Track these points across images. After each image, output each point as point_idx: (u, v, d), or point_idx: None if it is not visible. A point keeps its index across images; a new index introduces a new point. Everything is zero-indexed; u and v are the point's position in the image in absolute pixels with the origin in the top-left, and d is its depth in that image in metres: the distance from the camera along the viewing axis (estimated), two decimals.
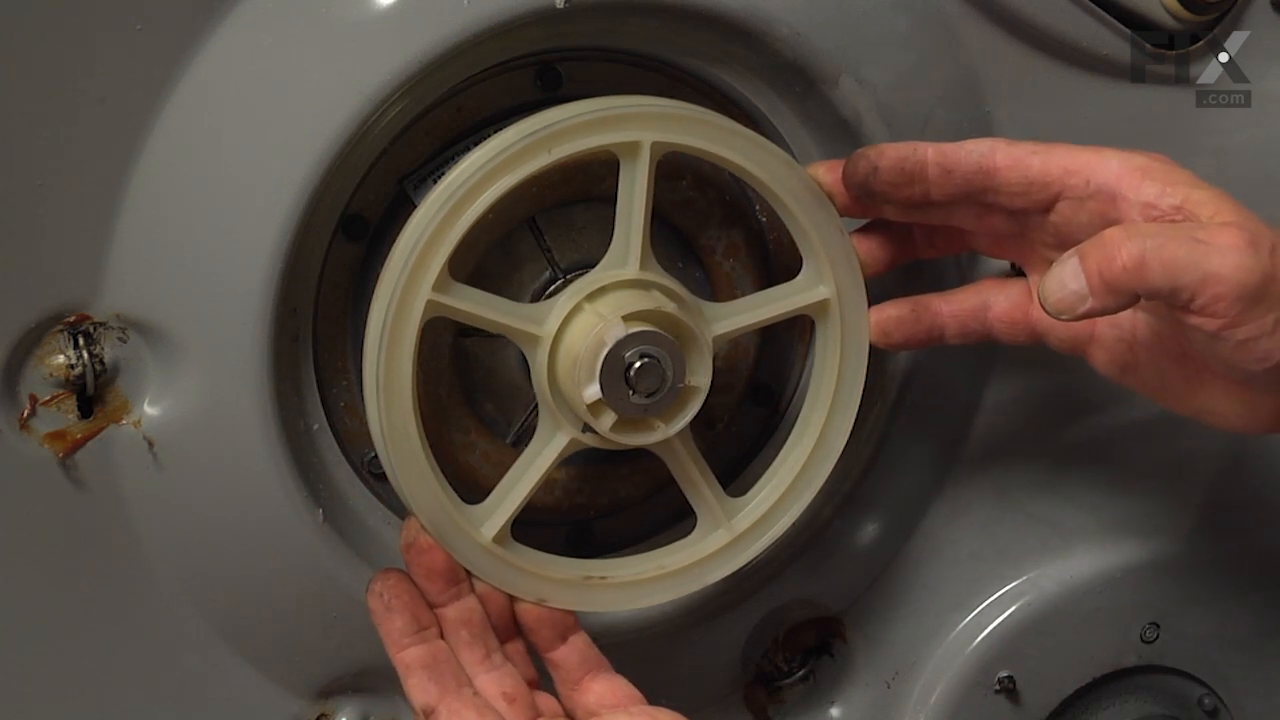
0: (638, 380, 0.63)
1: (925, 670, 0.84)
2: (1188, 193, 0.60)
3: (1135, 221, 0.60)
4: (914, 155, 0.64)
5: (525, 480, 0.66)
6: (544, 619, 0.67)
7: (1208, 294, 0.57)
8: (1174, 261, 0.57)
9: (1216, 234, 0.57)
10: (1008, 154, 0.63)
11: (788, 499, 0.70)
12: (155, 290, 0.62)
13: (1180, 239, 0.57)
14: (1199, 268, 0.57)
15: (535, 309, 0.65)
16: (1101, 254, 0.58)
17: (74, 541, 0.65)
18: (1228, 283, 0.56)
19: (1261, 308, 0.57)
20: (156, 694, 0.68)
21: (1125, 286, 0.58)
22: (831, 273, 0.67)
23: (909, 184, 0.64)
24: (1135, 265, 0.57)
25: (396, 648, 0.63)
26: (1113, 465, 0.84)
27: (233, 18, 0.61)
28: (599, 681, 0.66)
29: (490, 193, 0.61)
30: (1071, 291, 0.59)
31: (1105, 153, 0.61)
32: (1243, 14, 0.75)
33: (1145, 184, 0.60)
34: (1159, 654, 0.88)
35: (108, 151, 0.61)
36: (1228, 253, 0.57)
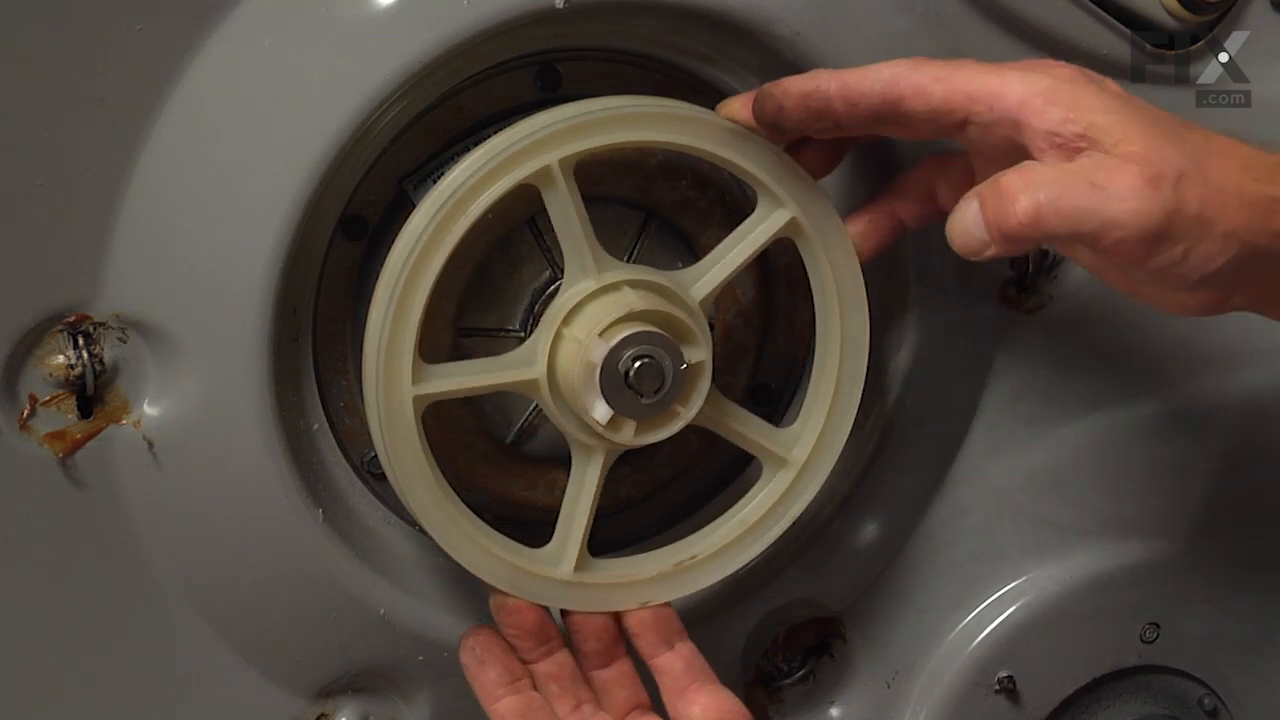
0: (640, 382, 0.63)
1: (925, 670, 0.84)
2: (1091, 119, 0.57)
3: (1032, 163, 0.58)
4: (817, 92, 0.61)
5: (580, 510, 0.67)
6: (647, 623, 0.67)
7: (1109, 239, 0.56)
8: (1070, 213, 0.56)
9: (1114, 176, 0.56)
10: (910, 83, 0.60)
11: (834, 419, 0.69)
12: (155, 290, 0.62)
13: (1076, 187, 0.56)
14: (1095, 216, 0.55)
15: (518, 354, 0.64)
16: (998, 205, 0.57)
17: (74, 541, 0.65)
18: (1127, 228, 0.55)
19: (1168, 243, 0.56)
20: (156, 694, 0.68)
21: (1023, 237, 0.57)
22: (787, 193, 0.66)
23: (817, 119, 0.62)
24: (1030, 219, 0.56)
25: (491, 699, 0.65)
26: (1113, 465, 0.84)
27: (233, 18, 0.61)
28: (704, 693, 0.66)
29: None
30: (975, 238, 0.58)
31: (1009, 76, 0.58)
32: (1243, 14, 0.75)
33: (1048, 110, 0.57)
34: (1159, 654, 0.88)
35: (108, 151, 0.61)
36: (1125, 198, 0.55)
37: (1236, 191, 0.56)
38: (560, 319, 0.63)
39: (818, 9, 0.67)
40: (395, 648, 0.70)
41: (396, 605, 0.69)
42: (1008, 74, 0.58)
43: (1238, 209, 0.56)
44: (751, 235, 0.66)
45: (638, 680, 0.68)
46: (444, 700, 0.73)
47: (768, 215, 0.66)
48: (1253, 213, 0.56)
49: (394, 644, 0.70)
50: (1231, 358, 0.84)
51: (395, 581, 0.70)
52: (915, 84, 0.60)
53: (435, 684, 0.72)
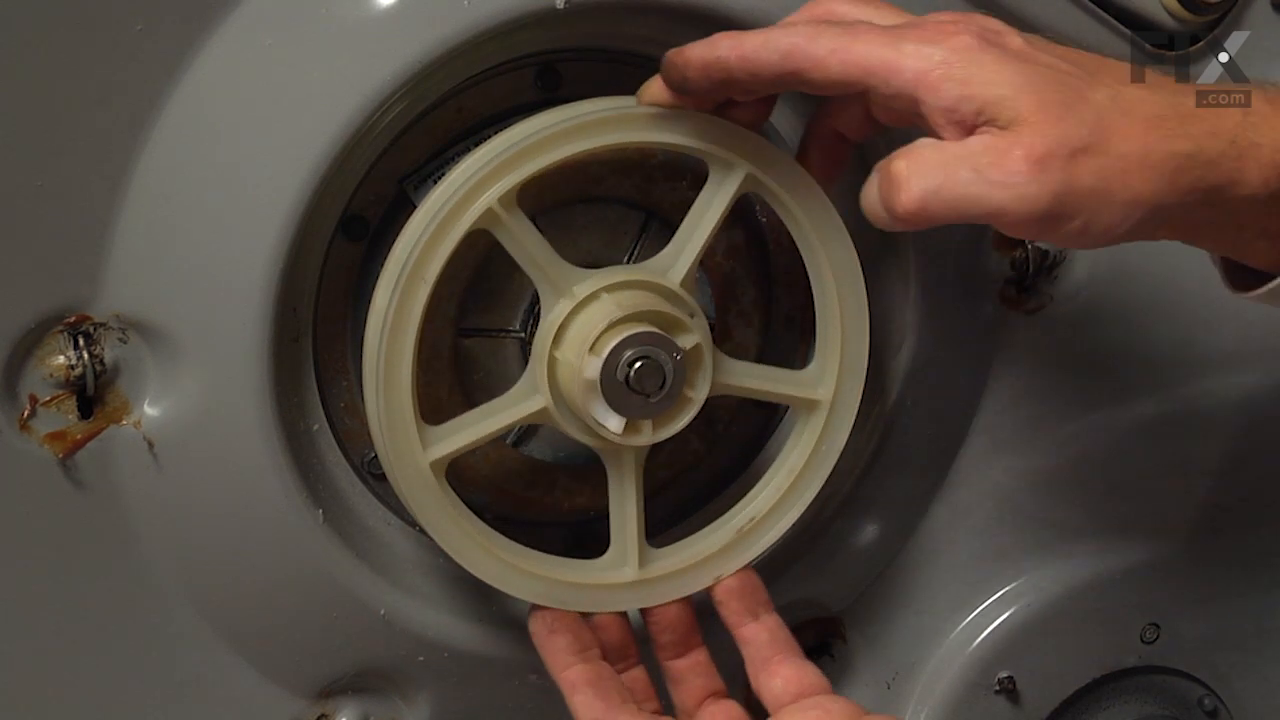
0: (643, 383, 0.63)
1: (925, 671, 0.84)
2: (987, 94, 0.55)
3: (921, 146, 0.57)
4: (718, 63, 0.60)
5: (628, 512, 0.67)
6: (734, 591, 0.68)
7: (1000, 223, 0.55)
8: (955, 201, 0.55)
9: (1001, 159, 0.54)
10: (807, 56, 0.58)
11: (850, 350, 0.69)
12: (155, 291, 0.62)
13: (961, 175, 0.55)
14: (980, 204, 0.55)
15: (519, 389, 0.65)
16: (889, 191, 0.56)
17: (74, 541, 0.65)
18: (1014, 214, 0.55)
19: (1062, 220, 0.55)
20: (156, 694, 0.68)
21: (914, 222, 0.56)
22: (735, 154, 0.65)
23: (723, 88, 0.61)
24: (917, 208, 0.55)
25: (561, 666, 0.65)
26: (1113, 465, 0.84)
27: (233, 18, 0.61)
28: (787, 665, 0.66)
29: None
30: (879, 216, 0.58)
31: (904, 49, 0.57)
32: (1243, 14, 0.75)
33: (944, 87, 0.56)
34: (1159, 654, 0.88)
35: (108, 151, 0.61)
36: (1010, 184, 0.54)
37: (1140, 156, 0.55)
38: (549, 344, 0.64)
39: None
40: (395, 648, 0.70)
41: (397, 605, 0.69)
42: (904, 44, 0.57)
43: (1141, 175, 0.55)
44: (713, 203, 0.66)
45: (713, 669, 0.68)
46: (444, 700, 0.73)
47: (723, 179, 0.65)
48: (1158, 175, 0.55)
49: (394, 644, 0.70)
50: (1231, 358, 0.84)
51: (395, 582, 0.70)
52: (812, 57, 0.58)
53: (435, 684, 0.72)
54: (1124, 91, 0.56)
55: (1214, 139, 0.56)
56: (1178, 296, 0.81)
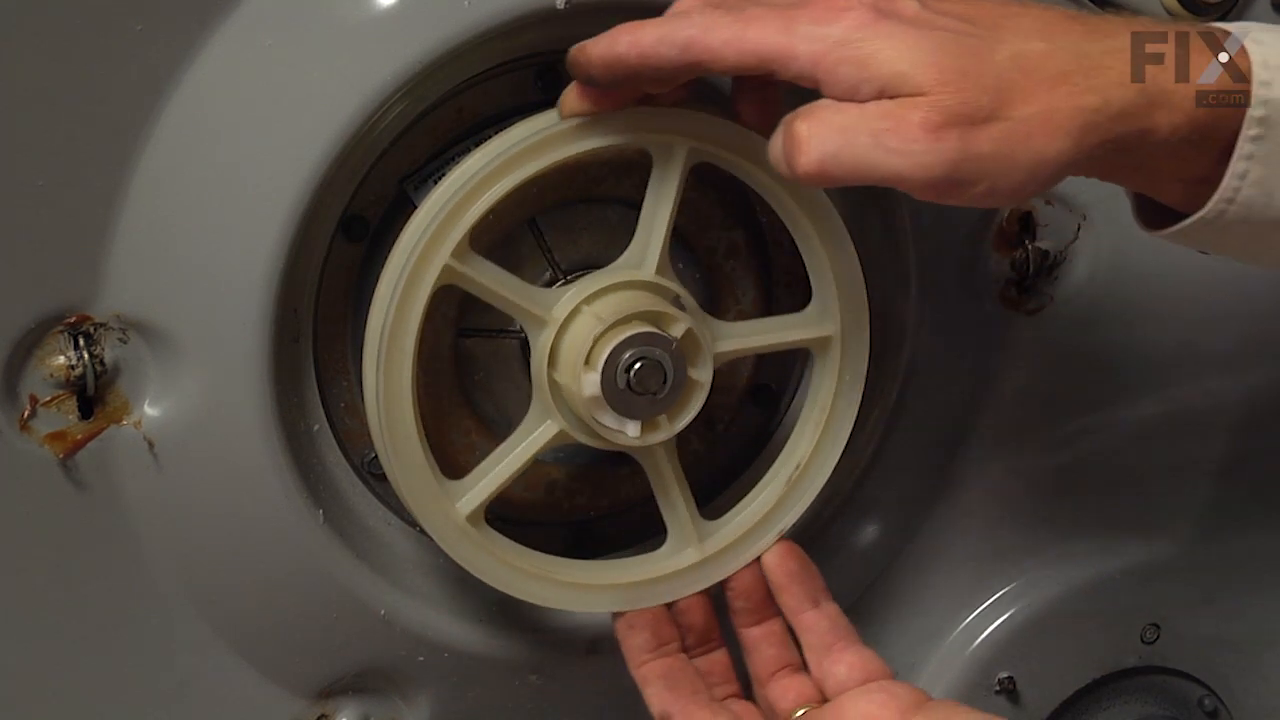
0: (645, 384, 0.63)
1: (925, 671, 0.84)
2: (886, 72, 0.54)
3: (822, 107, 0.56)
4: (619, 62, 0.59)
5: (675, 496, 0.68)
6: (795, 576, 0.68)
7: (901, 188, 0.55)
8: (854, 165, 0.54)
9: (898, 127, 0.53)
10: (704, 47, 0.57)
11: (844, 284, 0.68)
12: (155, 291, 0.62)
13: (860, 140, 0.54)
14: (878, 170, 0.54)
15: (531, 418, 0.65)
16: (790, 151, 0.56)
17: (74, 542, 0.65)
18: (912, 181, 0.54)
19: (963, 186, 0.54)
20: (156, 694, 0.68)
21: (815, 183, 0.56)
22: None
23: (628, 82, 0.61)
24: (817, 170, 0.55)
25: (636, 663, 0.67)
26: (1113, 465, 0.84)
27: (233, 18, 0.61)
28: (850, 651, 0.67)
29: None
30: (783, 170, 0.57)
31: (797, 32, 0.56)
32: (1243, 14, 0.75)
33: (841, 69, 0.55)
34: (1159, 655, 0.88)
35: (108, 152, 0.61)
36: (906, 152, 0.53)
37: (1044, 117, 0.54)
38: (545, 370, 0.64)
39: None
40: (395, 648, 0.70)
41: (397, 606, 0.69)
42: (797, 27, 0.56)
43: (1045, 136, 0.54)
44: (663, 187, 0.65)
45: (788, 640, 0.68)
46: (444, 701, 0.73)
47: (666, 162, 0.64)
48: (1064, 134, 0.54)
49: (394, 644, 0.70)
50: (1231, 358, 0.84)
51: (395, 582, 0.70)
52: (709, 49, 0.57)
53: (435, 684, 0.72)
54: (1027, 49, 0.55)
55: (1122, 89, 0.55)
56: (1178, 297, 0.81)
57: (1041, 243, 0.77)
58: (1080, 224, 0.78)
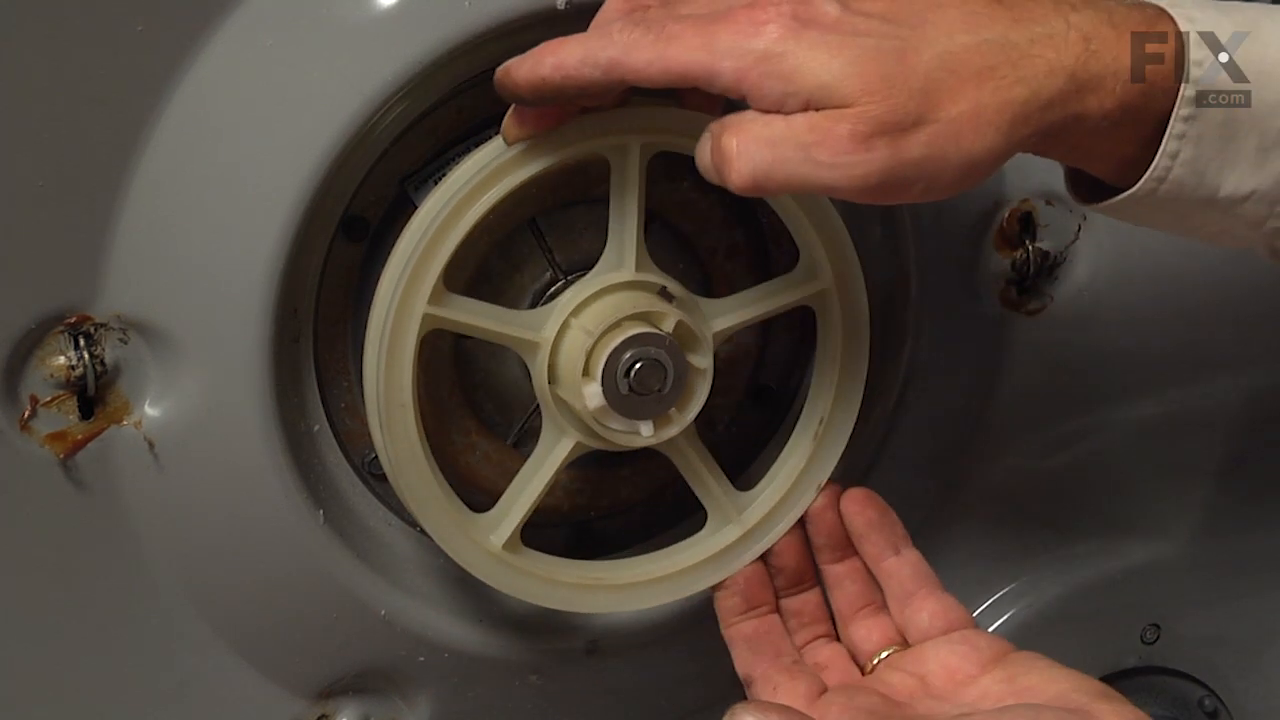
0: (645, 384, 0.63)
1: None
2: (810, 84, 0.54)
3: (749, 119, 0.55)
4: (544, 84, 0.58)
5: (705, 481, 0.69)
6: (874, 524, 0.68)
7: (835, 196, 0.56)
8: (785, 179, 0.55)
9: (826, 139, 0.53)
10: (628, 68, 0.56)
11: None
12: (156, 291, 0.62)
13: (789, 153, 0.54)
14: (810, 182, 0.54)
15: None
16: (720, 163, 0.56)
17: (74, 542, 0.65)
18: (846, 191, 0.54)
19: (897, 188, 0.54)
20: (157, 694, 0.68)
21: (745, 193, 0.56)
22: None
23: (558, 100, 0.59)
24: (750, 184, 0.55)
25: (725, 624, 0.68)
26: (1113, 465, 0.84)
27: (234, 19, 0.61)
28: (932, 599, 0.67)
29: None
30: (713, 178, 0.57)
31: (719, 48, 0.55)
32: None
33: (766, 84, 0.54)
34: (1159, 655, 0.88)
35: (108, 152, 0.61)
36: (836, 164, 0.53)
37: (973, 115, 0.54)
38: (547, 388, 0.64)
39: None
40: (396, 648, 0.70)
41: (397, 606, 0.69)
42: (718, 43, 0.55)
43: (975, 133, 0.54)
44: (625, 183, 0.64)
45: (870, 578, 0.68)
46: (444, 701, 0.73)
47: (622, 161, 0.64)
48: (994, 129, 0.54)
49: (394, 645, 0.70)
50: (1231, 358, 0.84)
51: (396, 582, 0.70)
52: (633, 69, 0.56)
53: (436, 684, 0.72)
54: (952, 45, 0.54)
55: (1052, 78, 0.55)
56: (1178, 297, 0.81)
57: (1042, 243, 0.77)
58: (1081, 224, 0.78)
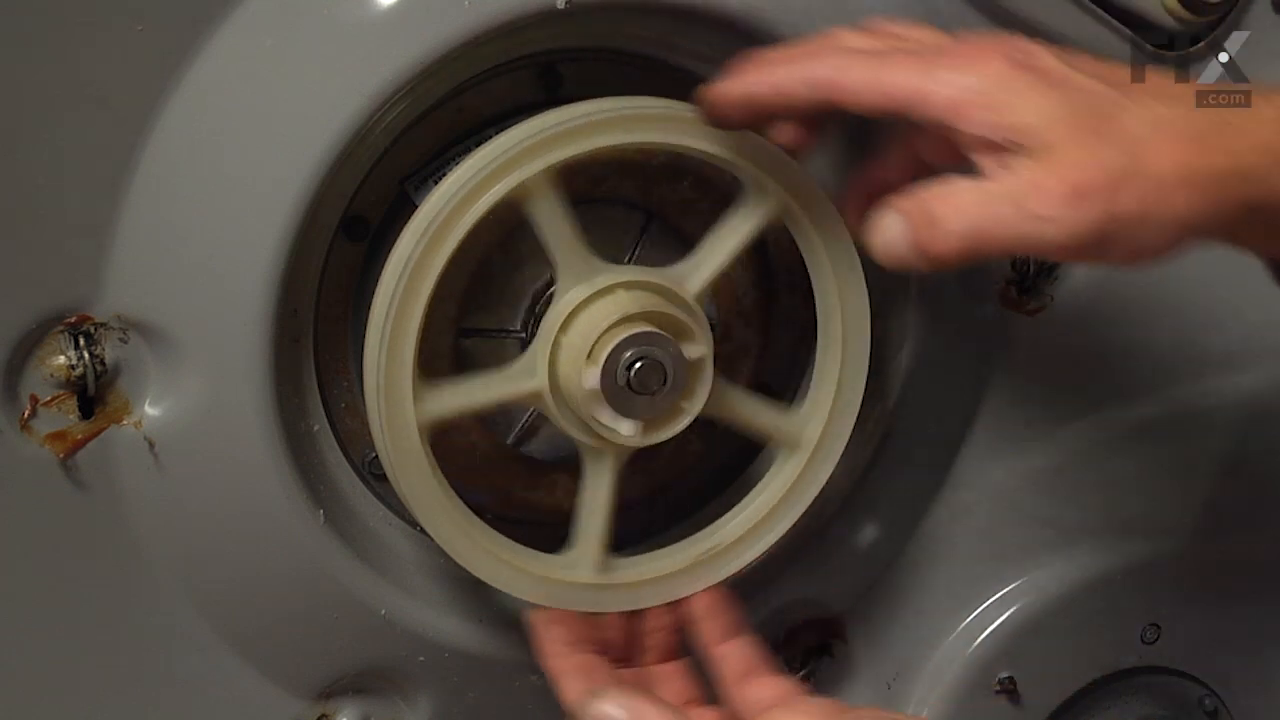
0: (643, 382, 0.62)
1: (925, 671, 0.84)
2: (1019, 122, 0.55)
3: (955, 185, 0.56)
4: (753, 99, 0.61)
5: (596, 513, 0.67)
6: (711, 610, 0.67)
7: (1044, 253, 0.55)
8: (1000, 238, 0.55)
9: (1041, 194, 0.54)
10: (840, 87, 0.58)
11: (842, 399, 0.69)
12: (156, 291, 0.62)
13: (1003, 212, 0.55)
14: (1025, 241, 0.55)
15: (519, 366, 0.64)
16: (927, 231, 0.56)
17: (74, 542, 0.65)
18: (1060, 248, 0.54)
19: (1104, 246, 0.55)
20: (156, 694, 0.68)
21: (950, 262, 0.56)
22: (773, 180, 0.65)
23: (759, 118, 0.62)
24: (960, 246, 0.55)
25: (552, 654, 0.66)
26: (1113, 465, 0.84)
27: (233, 19, 0.61)
28: (770, 678, 0.66)
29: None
30: (897, 255, 0.57)
31: (937, 77, 0.56)
32: (1243, 14, 0.75)
33: (976, 115, 0.55)
34: (1159, 654, 0.88)
35: (108, 152, 0.61)
36: (1053, 218, 0.54)
37: (1177, 179, 0.54)
38: (557, 328, 0.63)
39: (818, 10, 0.67)
40: (396, 648, 0.70)
41: (397, 606, 0.69)
42: (937, 73, 0.56)
43: (1182, 195, 0.54)
44: (742, 225, 0.66)
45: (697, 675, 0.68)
46: (444, 701, 0.73)
47: (755, 203, 0.65)
48: (1200, 194, 0.54)
49: (395, 645, 0.70)
50: (1231, 358, 0.84)
51: (396, 582, 0.70)
52: (844, 88, 0.58)
53: (436, 684, 0.72)
54: (1162, 111, 0.55)
55: (1256, 154, 0.55)
56: (1178, 297, 0.81)
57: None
58: None
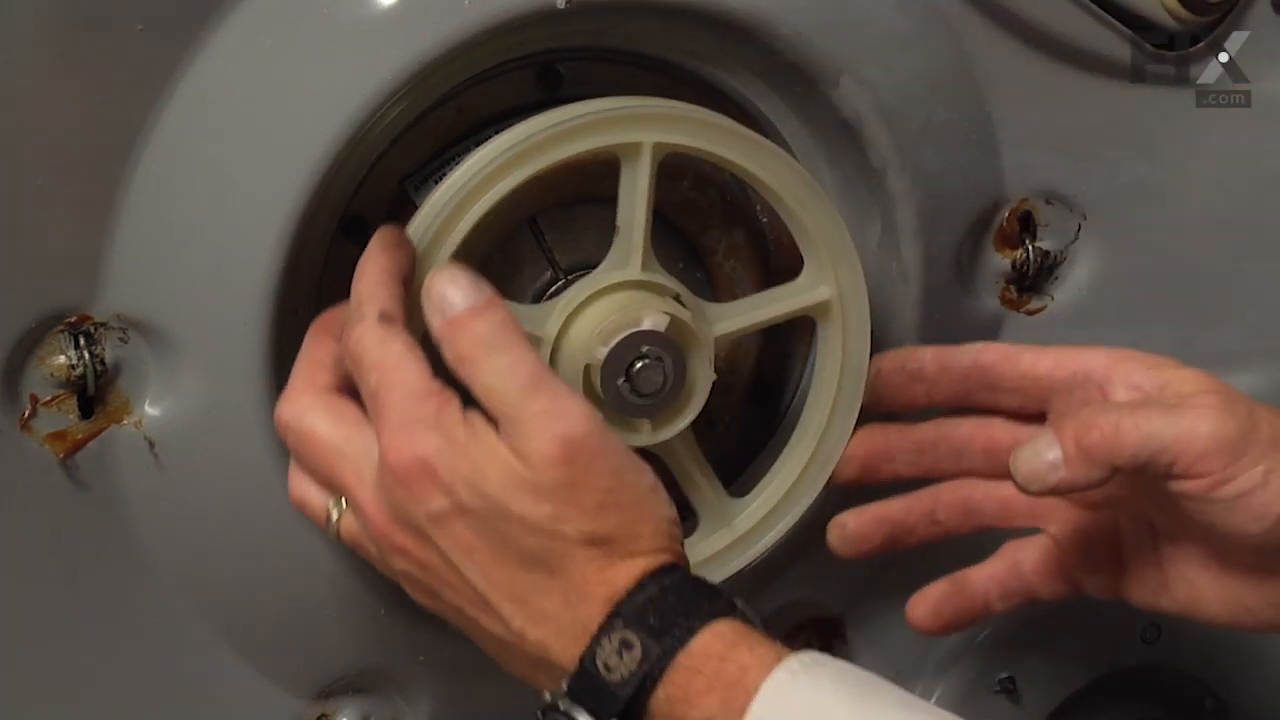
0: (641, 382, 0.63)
1: (925, 671, 0.84)
2: (1170, 373, 0.62)
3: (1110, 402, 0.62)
4: (913, 356, 0.68)
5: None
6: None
7: (1188, 453, 0.58)
8: (1148, 426, 0.58)
9: (1192, 399, 0.59)
10: (998, 351, 0.66)
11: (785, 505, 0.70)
12: (156, 291, 0.62)
13: (1155, 407, 0.59)
14: (1173, 427, 0.58)
15: (536, 310, 0.65)
16: (1079, 423, 0.59)
17: (74, 541, 0.65)
18: (1204, 439, 0.57)
19: (1246, 460, 0.58)
20: (156, 694, 0.68)
21: (1102, 456, 0.58)
22: (833, 271, 0.67)
23: (910, 383, 0.68)
24: (1112, 433, 0.58)
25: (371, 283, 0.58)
26: None
27: (233, 19, 0.61)
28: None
29: (491, 194, 0.61)
30: (1045, 461, 0.59)
31: (1093, 347, 0.65)
32: (1243, 14, 0.75)
33: (1132, 369, 0.63)
34: (1159, 654, 0.88)
35: (108, 152, 0.61)
36: (1202, 413, 0.58)
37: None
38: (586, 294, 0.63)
39: (818, 9, 0.67)
40: (396, 648, 0.70)
41: (397, 605, 0.69)
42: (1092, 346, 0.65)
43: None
44: (787, 300, 0.67)
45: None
46: (444, 701, 0.73)
47: (811, 288, 0.67)
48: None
49: (395, 644, 0.70)
50: (1232, 358, 0.84)
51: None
52: (1004, 352, 0.66)
53: (436, 684, 0.72)
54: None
55: None
56: (1178, 297, 0.81)
57: (1042, 242, 0.77)
58: (1081, 224, 0.78)
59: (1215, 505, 0.59)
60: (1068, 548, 0.68)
